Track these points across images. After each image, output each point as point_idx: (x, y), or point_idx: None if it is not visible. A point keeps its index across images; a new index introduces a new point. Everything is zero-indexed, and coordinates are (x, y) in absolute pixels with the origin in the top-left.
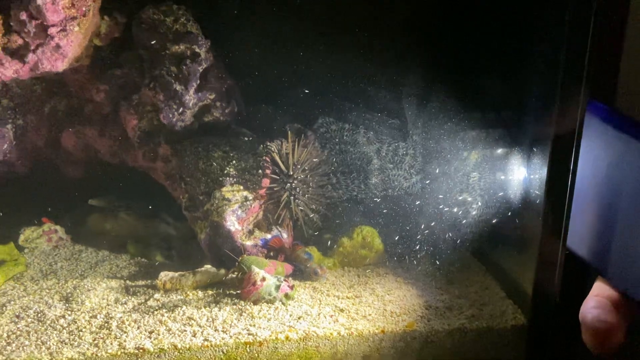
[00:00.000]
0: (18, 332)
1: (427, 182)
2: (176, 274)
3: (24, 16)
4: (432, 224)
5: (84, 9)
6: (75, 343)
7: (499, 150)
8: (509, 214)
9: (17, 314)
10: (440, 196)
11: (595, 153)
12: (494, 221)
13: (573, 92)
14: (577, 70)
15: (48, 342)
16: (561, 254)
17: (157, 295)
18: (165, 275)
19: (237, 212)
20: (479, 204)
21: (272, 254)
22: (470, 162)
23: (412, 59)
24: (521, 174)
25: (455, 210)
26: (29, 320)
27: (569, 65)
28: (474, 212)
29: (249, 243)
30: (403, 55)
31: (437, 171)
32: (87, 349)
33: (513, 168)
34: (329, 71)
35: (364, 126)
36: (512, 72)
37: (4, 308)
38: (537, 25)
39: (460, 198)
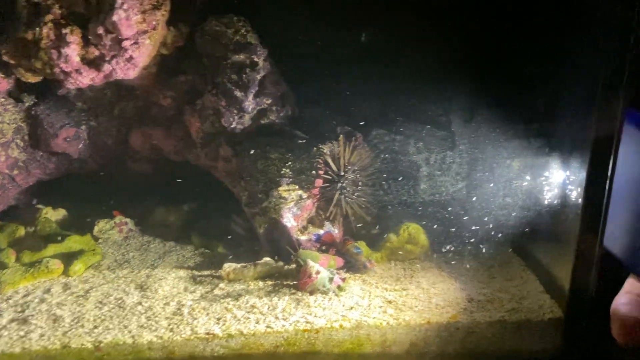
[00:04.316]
0: (102, 317)
1: (474, 185)
2: (238, 265)
3: (101, 31)
4: (475, 223)
5: (154, 23)
6: (153, 328)
7: (540, 157)
8: (549, 214)
9: (99, 300)
10: (485, 197)
11: (631, 159)
12: (534, 221)
13: (612, 100)
14: (616, 79)
15: (129, 327)
16: (597, 252)
17: (222, 285)
18: (228, 267)
19: (293, 210)
20: (520, 206)
21: (324, 247)
22: (513, 168)
23: (460, 68)
24: (560, 178)
25: (498, 211)
26: (111, 306)
27: (609, 74)
28: (514, 214)
29: (303, 238)
30: (451, 66)
31: (484, 177)
32: (164, 333)
33: (553, 173)
34: (377, 78)
35: (410, 134)
36: (554, 82)
37: (88, 294)
38: (578, 34)
39: (503, 201)
